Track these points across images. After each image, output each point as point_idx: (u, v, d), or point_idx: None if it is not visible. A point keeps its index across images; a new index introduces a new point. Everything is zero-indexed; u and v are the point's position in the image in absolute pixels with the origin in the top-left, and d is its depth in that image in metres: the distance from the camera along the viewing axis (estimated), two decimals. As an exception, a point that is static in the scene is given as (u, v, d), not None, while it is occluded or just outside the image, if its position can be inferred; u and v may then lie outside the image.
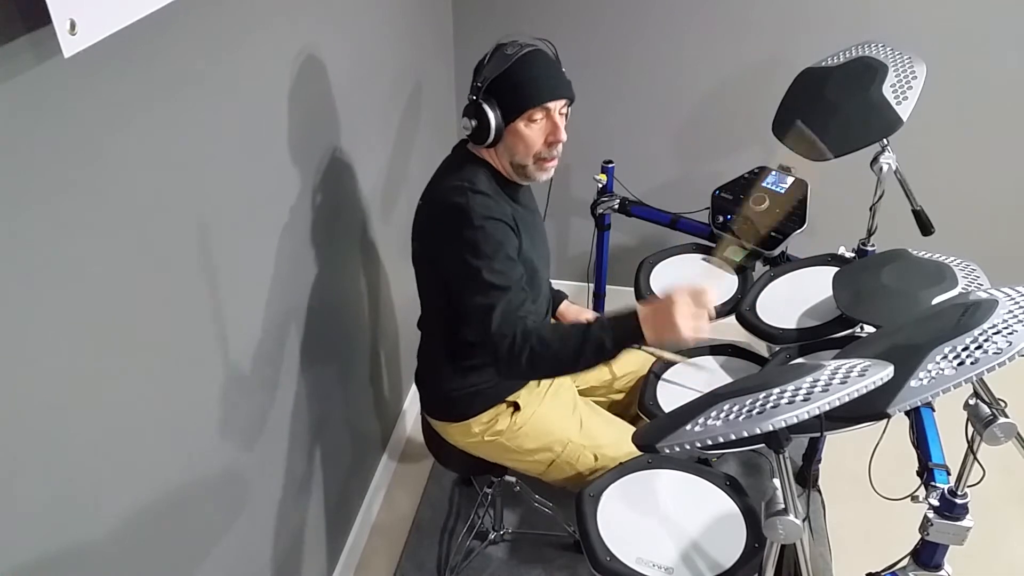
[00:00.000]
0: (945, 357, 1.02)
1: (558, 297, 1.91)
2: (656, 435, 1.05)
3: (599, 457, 1.66)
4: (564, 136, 1.48)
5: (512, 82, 1.42)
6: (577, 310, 1.91)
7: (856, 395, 0.92)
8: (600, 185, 2.36)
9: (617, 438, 1.68)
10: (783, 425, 0.93)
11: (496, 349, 1.39)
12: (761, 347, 1.89)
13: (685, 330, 1.30)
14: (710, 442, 0.96)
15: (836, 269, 1.77)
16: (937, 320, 1.14)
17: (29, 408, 0.92)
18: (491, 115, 1.42)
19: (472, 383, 1.64)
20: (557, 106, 1.46)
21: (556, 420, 1.68)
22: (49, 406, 0.95)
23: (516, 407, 1.67)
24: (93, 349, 1.01)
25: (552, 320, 1.83)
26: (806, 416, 0.92)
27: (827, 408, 0.92)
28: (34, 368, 0.92)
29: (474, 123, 1.43)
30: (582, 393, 1.84)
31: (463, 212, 1.42)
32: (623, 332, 1.36)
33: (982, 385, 1.24)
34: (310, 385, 1.71)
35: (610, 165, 2.35)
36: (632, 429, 1.75)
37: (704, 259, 2.14)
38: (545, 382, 1.74)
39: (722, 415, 1.00)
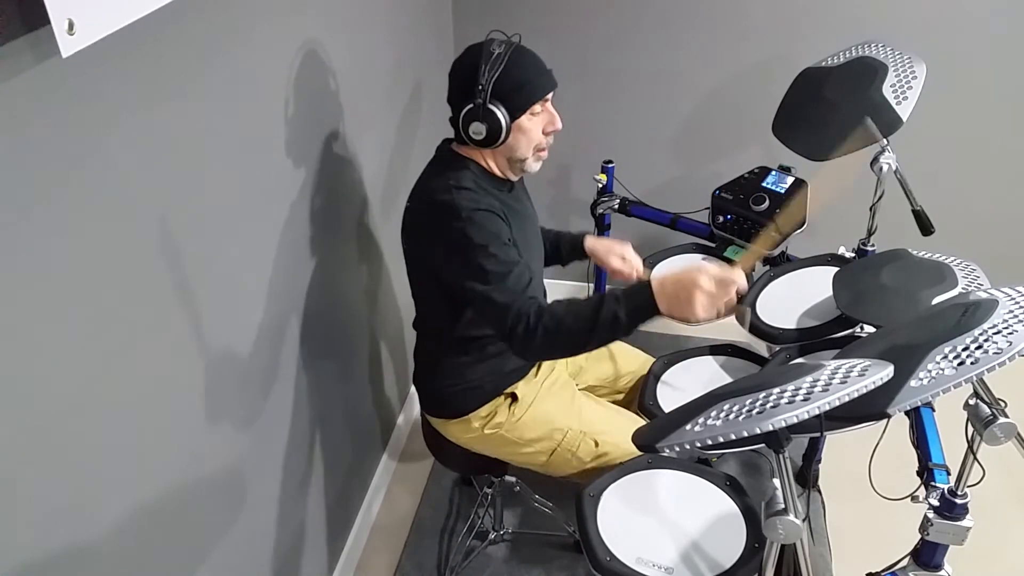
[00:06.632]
0: (945, 357, 1.02)
1: (579, 236, 1.80)
2: (656, 435, 1.05)
3: (600, 443, 1.65)
4: (560, 124, 1.52)
5: (515, 80, 1.43)
6: (608, 244, 1.77)
7: (856, 395, 0.92)
8: (600, 185, 2.36)
9: (617, 424, 1.68)
10: (783, 425, 0.93)
11: (510, 332, 1.39)
12: (761, 347, 1.89)
13: (700, 311, 1.30)
14: (710, 442, 0.96)
15: (836, 269, 1.76)
16: (937, 320, 1.13)
17: (29, 408, 0.92)
18: (502, 117, 1.43)
19: (469, 379, 1.64)
20: (550, 96, 1.50)
21: (555, 408, 1.69)
22: (48, 406, 0.95)
23: (514, 398, 1.67)
24: (91, 348, 1.01)
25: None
26: (806, 416, 0.92)
27: (827, 408, 0.92)
28: (33, 368, 0.92)
29: (485, 127, 1.43)
30: (582, 392, 1.83)
31: (450, 207, 1.43)
32: (637, 304, 1.35)
33: (982, 385, 1.24)
34: (310, 384, 1.71)
35: (610, 165, 2.35)
36: (632, 417, 1.76)
37: (704, 259, 2.14)
38: (543, 372, 1.74)
39: (722, 415, 1.00)
